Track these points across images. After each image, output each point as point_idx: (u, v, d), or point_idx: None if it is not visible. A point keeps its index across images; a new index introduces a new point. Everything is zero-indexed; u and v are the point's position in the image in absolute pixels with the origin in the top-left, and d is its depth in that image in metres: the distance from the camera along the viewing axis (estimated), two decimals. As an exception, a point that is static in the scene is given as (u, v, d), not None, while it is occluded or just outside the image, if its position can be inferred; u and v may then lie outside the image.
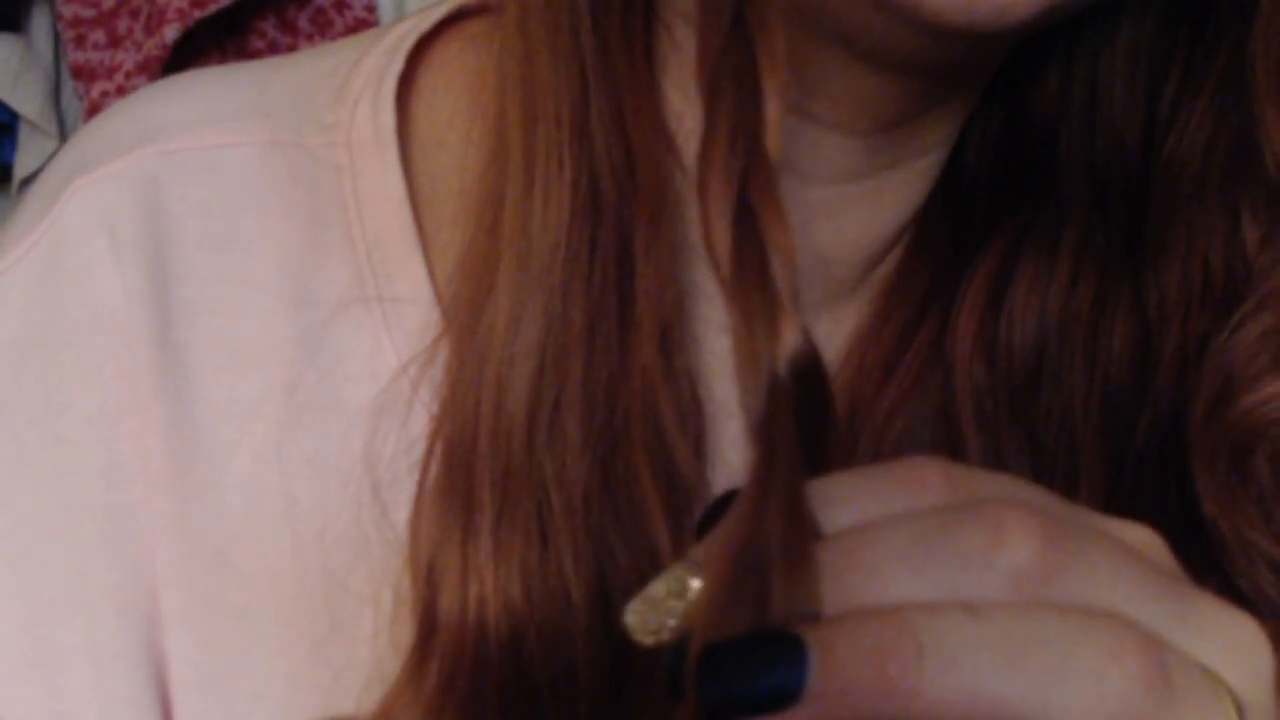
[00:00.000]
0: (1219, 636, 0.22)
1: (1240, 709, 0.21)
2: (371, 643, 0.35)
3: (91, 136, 0.40)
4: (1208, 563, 0.35)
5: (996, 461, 0.36)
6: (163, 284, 0.37)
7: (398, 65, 0.39)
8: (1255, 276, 0.34)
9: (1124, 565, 0.22)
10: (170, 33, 1.39)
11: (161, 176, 0.37)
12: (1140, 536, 0.23)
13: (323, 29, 1.47)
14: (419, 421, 0.35)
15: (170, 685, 0.37)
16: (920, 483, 0.22)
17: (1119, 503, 0.36)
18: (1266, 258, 0.34)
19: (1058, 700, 0.20)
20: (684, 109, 0.35)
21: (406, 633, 0.34)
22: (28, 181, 1.50)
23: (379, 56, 0.39)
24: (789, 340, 0.23)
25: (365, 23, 1.47)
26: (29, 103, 1.45)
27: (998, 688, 0.20)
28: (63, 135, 1.49)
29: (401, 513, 0.35)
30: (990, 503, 0.21)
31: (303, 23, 1.46)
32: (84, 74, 1.43)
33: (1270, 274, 0.34)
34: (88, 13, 1.43)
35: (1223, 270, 0.35)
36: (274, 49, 1.46)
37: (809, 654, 0.20)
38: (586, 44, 0.32)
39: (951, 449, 0.36)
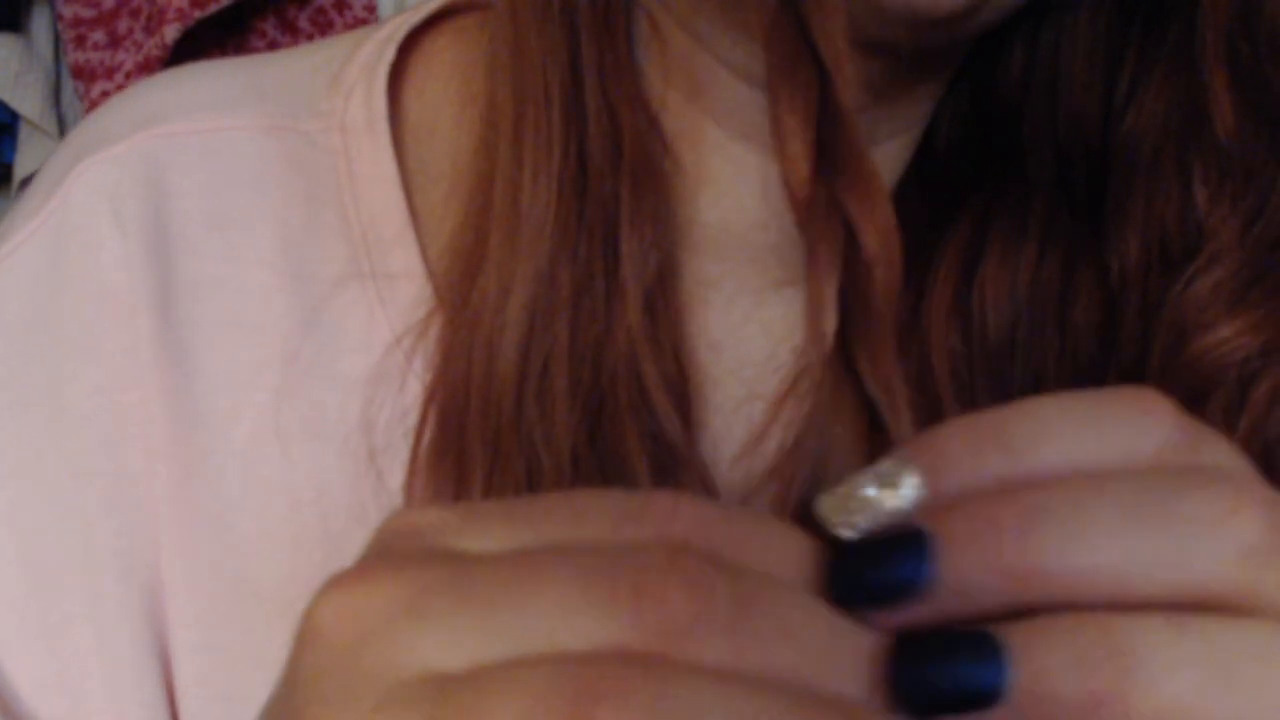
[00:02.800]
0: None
1: None
2: None
3: (95, 122, 0.41)
4: None
5: None
6: (164, 260, 0.38)
7: (389, 55, 0.40)
8: (1206, 234, 0.36)
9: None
10: (170, 33, 1.39)
11: (163, 158, 0.39)
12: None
13: (323, 29, 1.47)
14: (413, 390, 0.37)
15: (171, 649, 0.38)
16: (1146, 414, 0.22)
17: None
18: (1216, 216, 0.36)
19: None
20: (664, 90, 0.37)
21: None
22: (28, 181, 1.50)
23: (371, 48, 0.41)
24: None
25: (365, 23, 1.48)
26: (29, 103, 1.45)
27: (1206, 702, 0.20)
28: (63, 135, 1.49)
29: (397, 476, 0.36)
30: (1223, 470, 0.21)
31: (303, 23, 1.47)
32: (84, 74, 1.43)
33: (1219, 231, 0.35)
34: (88, 13, 1.43)
35: (1178, 233, 0.36)
36: (274, 49, 1.46)
37: (1006, 656, 0.20)
38: (581, 24, 0.34)
39: (930, 413, 0.37)
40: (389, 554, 0.23)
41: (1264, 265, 0.35)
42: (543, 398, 0.34)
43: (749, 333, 0.40)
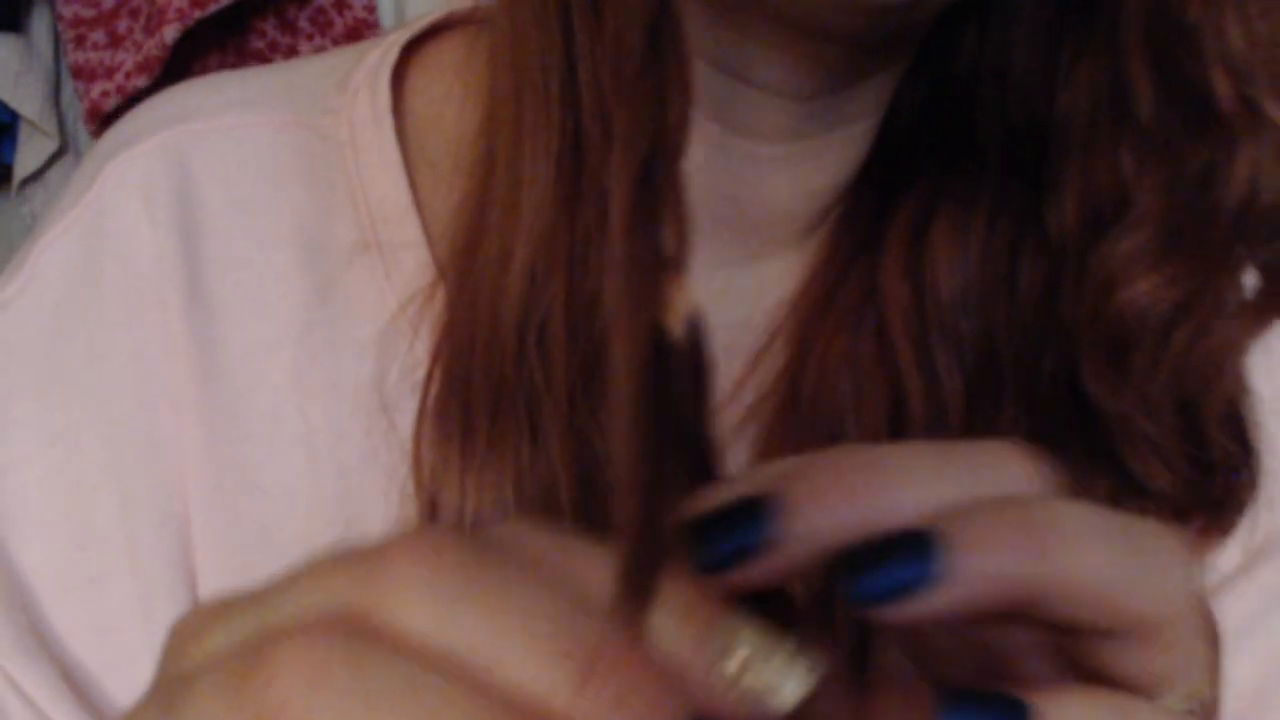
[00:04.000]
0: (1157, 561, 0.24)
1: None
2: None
3: (123, 126, 0.45)
4: (1110, 460, 0.40)
5: (931, 378, 0.42)
6: (192, 242, 0.42)
7: (392, 57, 0.45)
8: (1132, 201, 0.40)
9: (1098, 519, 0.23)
10: (170, 33, 1.39)
11: (190, 151, 0.43)
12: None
13: (323, 29, 1.47)
14: (420, 349, 0.41)
15: (200, 596, 0.41)
16: (1008, 463, 0.24)
17: (1037, 413, 0.41)
18: (1140, 185, 0.40)
19: (1161, 589, 0.22)
20: None
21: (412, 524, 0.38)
22: (28, 181, 1.50)
23: (376, 54, 0.45)
24: (678, 300, 0.24)
25: (365, 23, 1.48)
26: (29, 103, 1.45)
27: (1118, 572, 0.22)
28: (63, 135, 1.49)
29: (406, 425, 0.39)
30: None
31: (303, 22, 1.47)
32: (84, 74, 1.43)
33: (1143, 197, 0.39)
34: (88, 13, 1.43)
35: (1110, 200, 0.40)
36: (274, 49, 1.46)
37: (938, 544, 0.21)
38: (570, 22, 0.36)
39: (890, 370, 0.42)
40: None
41: (1180, 227, 0.39)
42: (542, 348, 0.37)
43: (728, 299, 0.44)
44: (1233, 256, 0.39)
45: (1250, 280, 0.40)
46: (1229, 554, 0.45)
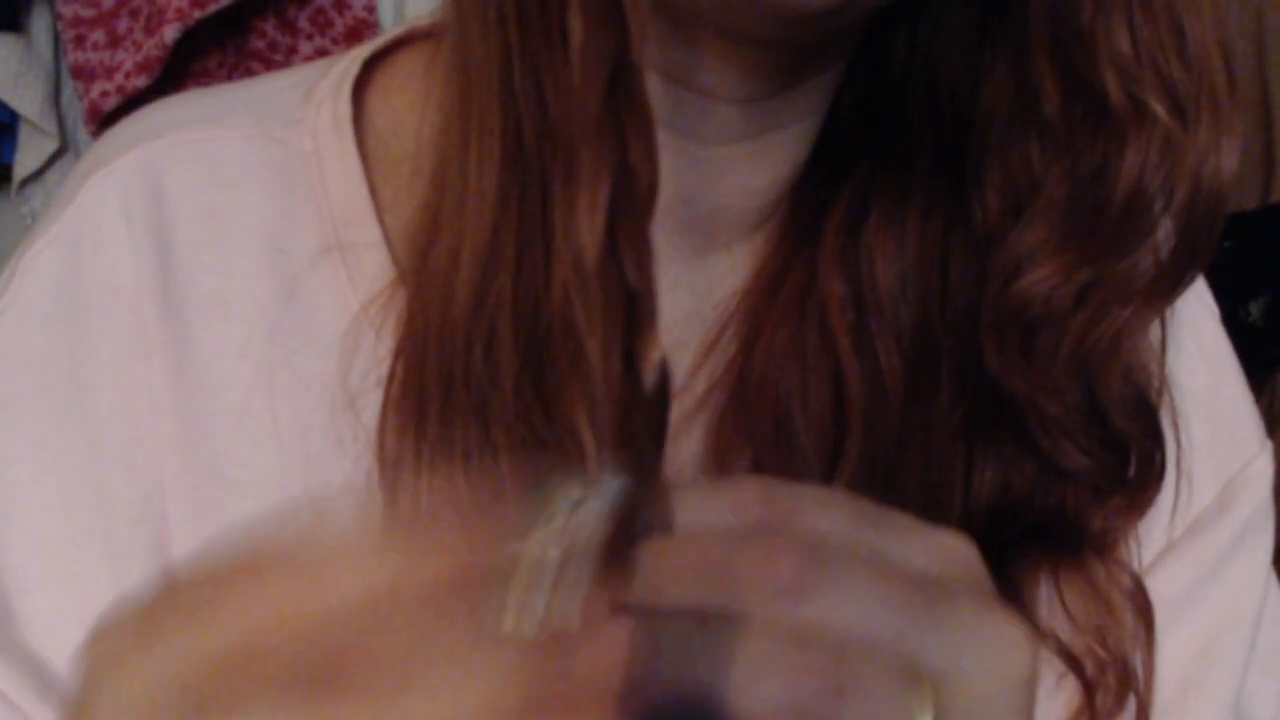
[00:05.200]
0: (970, 640, 0.26)
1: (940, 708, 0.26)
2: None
3: (103, 144, 0.48)
4: (1035, 443, 0.43)
5: (871, 365, 0.44)
6: (165, 252, 0.44)
7: (354, 71, 0.47)
8: (1039, 190, 0.43)
9: (877, 583, 0.26)
10: (170, 33, 1.39)
11: (160, 164, 0.45)
12: (949, 542, 0.28)
13: (323, 29, 1.47)
14: (383, 346, 0.43)
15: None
16: (742, 501, 0.27)
17: (971, 398, 0.44)
18: (1048, 176, 0.42)
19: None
20: None
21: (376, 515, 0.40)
22: (27, 181, 1.50)
23: (339, 69, 0.47)
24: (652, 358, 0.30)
25: (365, 22, 1.48)
26: (29, 103, 1.45)
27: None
28: (63, 135, 1.50)
29: (371, 419, 0.42)
30: (767, 534, 0.27)
31: (303, 22, 1.47)
32: (84, 74, 1.43)
33: (1048, 189, 0.42)
34: (88, 13, 1.43)
35: (1025, 191, 0.43)
36: (274, 49, 1.46)
37: None
38: (509, 23, 0.38)
39: (832, 358, 0.45)
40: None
41: (1077, 214, 0.42)
42: (489, 344, 0.39)
43: (679, 293, 0.46)
44: (1125, 245, 0.42)
45: (1143, 267, 0.43)
46: (1155, 534, 0.48)
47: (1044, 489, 0.44)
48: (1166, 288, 0.43)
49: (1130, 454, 0.44)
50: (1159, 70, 0.40)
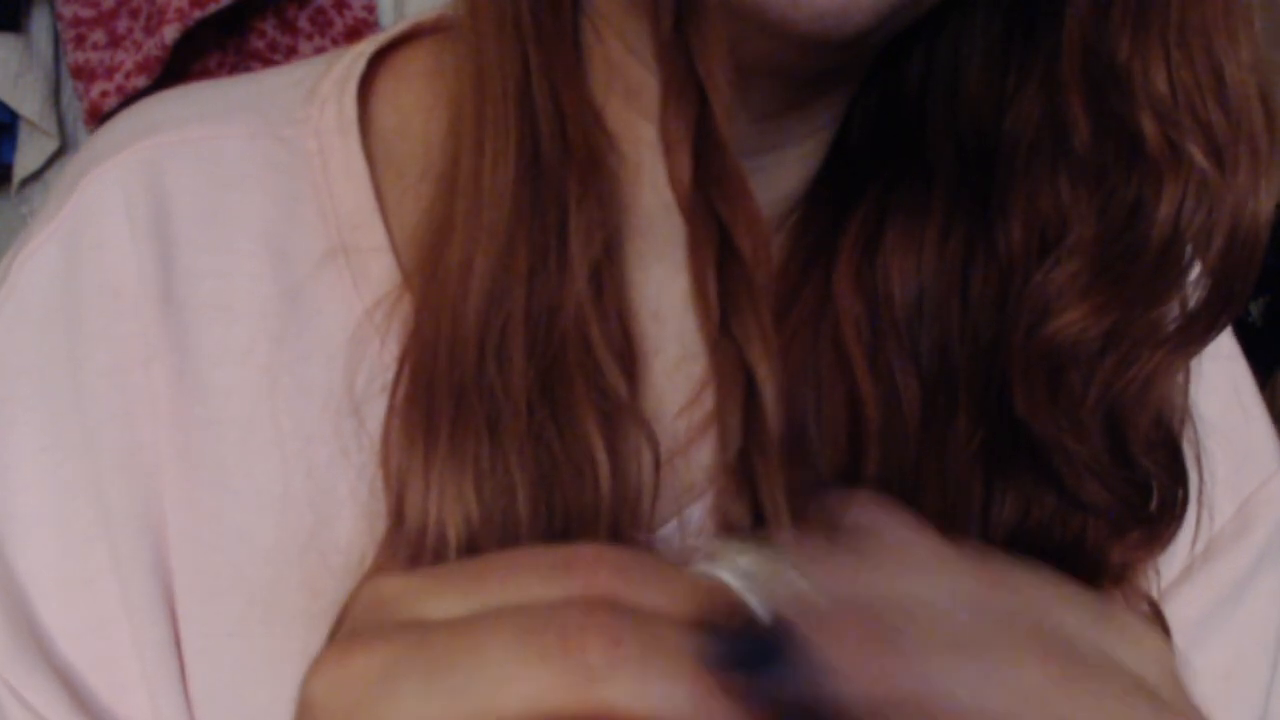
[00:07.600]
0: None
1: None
2: (351, 533, 0.42)
3: (101, 138, 0.46)
4: (1055, 475, 0.42)
5: (888, 387, 0.43)
6: (166, 253, 0.43)
7: (359, 68, 0.46)
8: (1068, 227, 0.41)
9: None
10: (170, 33, 1.39)
11: (162, 163, 0.44)
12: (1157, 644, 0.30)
13: (323, 29, 1.47)
14: (388, 352, 0.41)
15: (175, 596, 0.43)
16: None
17: (990, 426, 0.43)
18: (1076, 213, 0.41)
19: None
20: (606, 92, 0.41)
21: (380, 525, 0.39)
22: (28, 181, 1.50)
23: (343, 66, 0.46)
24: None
25: (365, 22, 1.48)
26: (29, 103, 1.45)
27: None
28: (63, 135, 1.50)
29: (376, 426, 0.40)
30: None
31: (303, 22, 1.47)
32: (84, 74, 1.43)
33: (1078, 226, 0.41)
34: (88, 13, 1.43)
35: (1052, 223, 0.41)
36: (274, 49, 1.46)
37: None
38: (527, 36, 0.38)
39: (843, 372, 0.44)
40: (362, 628, 0.29)
41: (1109, 257, 0.41)
42: (501, 357, 0.38)
43: (688, 306, 0.45)
44: (1158, 293, 0.40)
45: (1174, 311, 0.42)
46: (1174, 561, 0.48)
47: (1063, 520, 0.43)
48: (1200, 332, 0.41)
49: (1153, 492, 0.43)
50: (1196, 114, 0.39)
